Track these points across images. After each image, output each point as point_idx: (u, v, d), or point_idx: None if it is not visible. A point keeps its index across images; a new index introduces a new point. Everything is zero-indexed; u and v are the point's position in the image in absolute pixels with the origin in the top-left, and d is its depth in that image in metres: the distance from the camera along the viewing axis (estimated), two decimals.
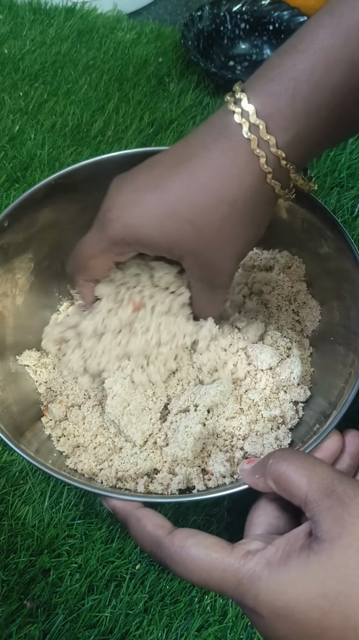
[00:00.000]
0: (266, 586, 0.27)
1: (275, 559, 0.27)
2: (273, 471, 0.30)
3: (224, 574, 0.28)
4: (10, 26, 0.75)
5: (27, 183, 0.59)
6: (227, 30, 0.72)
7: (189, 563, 0.29)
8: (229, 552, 0.29)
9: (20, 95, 0.67)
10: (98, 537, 0.41)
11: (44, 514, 0.41)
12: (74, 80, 0.69)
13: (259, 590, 0.27)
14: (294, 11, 0.69)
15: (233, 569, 0.28)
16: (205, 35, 0.70)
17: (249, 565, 0.28)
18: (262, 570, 0.27)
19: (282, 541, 0.28)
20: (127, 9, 0.80)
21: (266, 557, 0.28)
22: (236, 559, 0.28)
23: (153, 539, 0.31)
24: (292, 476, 0.29)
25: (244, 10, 0.71)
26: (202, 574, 0.29)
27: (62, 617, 0.38)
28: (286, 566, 0.27)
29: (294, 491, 0.29)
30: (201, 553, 0.29)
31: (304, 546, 0.27)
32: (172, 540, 0.30)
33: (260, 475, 0.31)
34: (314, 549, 0.26)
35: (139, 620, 0.38)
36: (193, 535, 0.30)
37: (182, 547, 0.30)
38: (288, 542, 0.28)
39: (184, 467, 0.38)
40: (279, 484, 0.30)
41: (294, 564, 0.27)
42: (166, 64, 0.71)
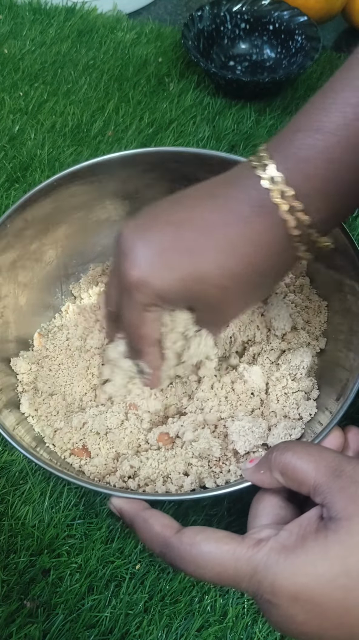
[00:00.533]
0: (283, 570, 0.26)
1: (290, 542, 0.27)
2: (278, 463, 0.30)
3: (237, 564, 0.28)
4: (10, 26, 0.75)
5: (27, 183, 0.59)
6: (227, 30, 0.72)
7: (200, 559, 0.29)
8: (240, 542, 0.28)
9: (20, 95, 0.67)
10: (98, 537, 0.41)
11: (44, 514, 0.41)
12: (74, 80, 0.69)
13: (276, 575, 0.26)
14: (294, 11, 0.69)
15: (246, 558, 0.27)
16: (205, 35, 0.70)
17: (263, 551, 0.27)
18: (278, 555, 0.27)
19: (294, 526, 0.28)
20: (127, 9, 0.80)
21: (280, 542, 0.27)
22: (248, 548, 0.28)
23: (161, 540, 0.31)
24: (298, 464, 0.29)
25: (244, 10, 0.71)
26: (214, 568, 0.28)
27: (62, 617, 0.38)
28: (304, 548, 0.26)
29: (302, 478, 0.29)
30: (211, 547, 0.28)
31: (319, 527, 0.27)
32: (181, 539, 0.30)
33: (265, 470, 0.31)
34: (332, 528, 0.26)
35: (139, 620, 0.38)
36: (202, 531, 0.30)
37: (191, 545, 0.29)
38: (301, 526, 0.27)
39: (195, 467, 0.39)
40: (286, 474, 0.29)
41: (312, 545, 0.26)
42: (166, 64, 0.71)
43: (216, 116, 0.65)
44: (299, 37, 0.68)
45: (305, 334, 0.44)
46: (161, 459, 0.39)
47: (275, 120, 0.65)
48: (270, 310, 0.44)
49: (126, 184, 0.47)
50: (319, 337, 0.45)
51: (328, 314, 0.45)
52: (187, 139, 0.63)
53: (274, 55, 0.71)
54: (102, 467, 0.40)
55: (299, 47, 0.68)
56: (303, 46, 0.67)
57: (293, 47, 0.69)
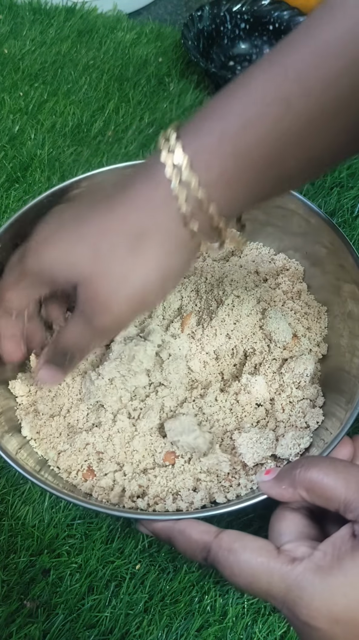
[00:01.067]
0: (321, 592, 0.26)
1: (325, 563, 0.27)
2: (303, 479, 0.30)
3: (271, 579, 0.27)
4: (10, 26, 0.75)
5: (27, 183, 0.59)
6: (227, 30, 0.72)
7: (236, 567, 0.29)
8: (276, 556, 0.28)
9: (20, 95, 0.67)
10: (98, 537, 0.41)
11: (44, 514, 0.41)
12: (74, 80, 0.69)
13: (314, 597, 0.26)
14: (294, 11, 0.69)
15: (281, 574, 0.27)
16: (205, 35, 0.70)
17: (297, 571, 0.27)
18: (313, 576, 0.26)
19: (328, 546, 0.28)
20: (127, 9, 0.80)
21: (315, 562, 0.27)
22: (283, 564, 0.28)
23: (201, 546, 0.31)
24: (326, 481, 0.29)
25: (244, 10, 0.71)
26: (248, 578, 0.28)
27: (62, 617, 0.38)
28: (341, 569, 0.26)
29: (331, 495, 0.28)
30: (247, 556, 0.29)
31: (355, 547, 0.27)
32: (220, 544, 0.30)
33: (288, 486, 0.31)
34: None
35: (139, 620, 0.38)
36: (240, 538, 0.30)
37: (229, 551, 0.29)
38: (335, 546, 0.27)
39: (204, 482, 0.38)
40: (314, 491, 0.29)
41: (349, 566, 0.26)
42: (166, 64, 0.71)
43: None
44: None
45: (306, 340, 0.44)
46: (169, 476, 0.39)
47: None
48: (269, 323, 0.43)
49: None
50: (321, 343, 0.44)
51: (328, 319, 0.45)
52: None
53: None
54: (109, 488, 0.39)
55: None
56: None
57: None
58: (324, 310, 0.45)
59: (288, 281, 0.47)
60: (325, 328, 0.45)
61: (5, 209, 0.57)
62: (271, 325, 0.43)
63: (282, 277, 0.47)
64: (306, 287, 0.47)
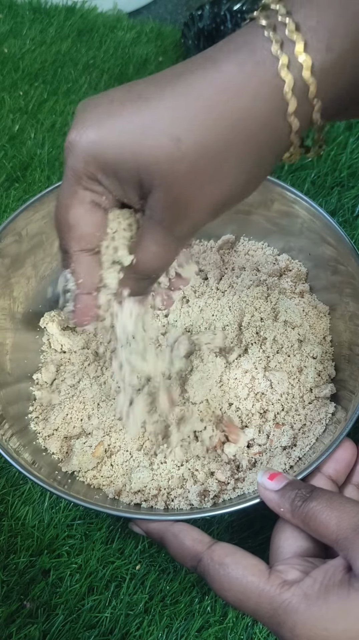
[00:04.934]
0: (303, 620, 0.26)
1: (313, 592, 0.27)
2: (301, 512, 0.30)
3: (259, 599, 0.28)
4: (10, 25, 0.75)
5: (27, 182, 0.59)
6: (227, 30, 0.72)
7: (226, 582, 0.29)
8: (267, 577, 0.28)
9: (20, 95, 0.67)
10: (98, 538, 0.41)
11: (44, 514, 0.41)
12: (74, 80, 0.69)
13: (296, 624, 0.26)
14: None
15: (269, 597, 0.28)
16: (205, 34, 0.70)
17: (285, 596, 0.27)
18: (299, 603, 0.27)
19: (319, 574, 0.28)
20: (127, 8, 0.80)
21: (303, 589, 0.27)
22: (273, 587, 0.28)
23: (193, 554, 0.31)
24: (320, 517, 0.29)
25: (244, 9, 0.71)
26: (237, 595, 0.29)
27: (62, 618, 0.38)
28: (326, 601, 0.26)
29: (324, 532, 0.29)
30: (238, 574, 0.29)
31: (343, 581, 0.27)
32: (212, 556, 0.30)
33: (286, 511, 0.31)
34: (355, 587, 0.26)
35: (139, 621, 0.38)
36: (232, 553, 0.30)
37: (221, 565, 0.29)
38: (326, 575, 0.27)
39: (198, 474, 0.39)
40: (308, 524, 0.29)
41: (334, 599, 0.26)
42: (166, 63, 0.71)
43: None
44: None
45: (312, 335, 0.44)
46: (171, 473, 0.39)
47: None
48: (279, 304, 0.44)
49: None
50: (323, 342, 0.45)
51: (330, 321, 0.45)
52: None
53: None
54: (113, 482, 0.40)
55: None
56: None
57: None
58: (327, 310, 0.45)
59: (291, 282, 0.47)
60: (328, 329, 0.45)
61: (5, 208, 0.56)
62: (282, 305, 0.44)
63: (285, 277, 0.47)
64: (309, 287, 0.47)
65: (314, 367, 0.42)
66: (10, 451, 0.36)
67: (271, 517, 0.32)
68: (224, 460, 0.40)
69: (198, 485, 0.38)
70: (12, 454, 0.36)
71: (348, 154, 0.59)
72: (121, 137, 0.25)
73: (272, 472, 0.32)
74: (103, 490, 0.40)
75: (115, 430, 0.41)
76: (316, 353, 0.42)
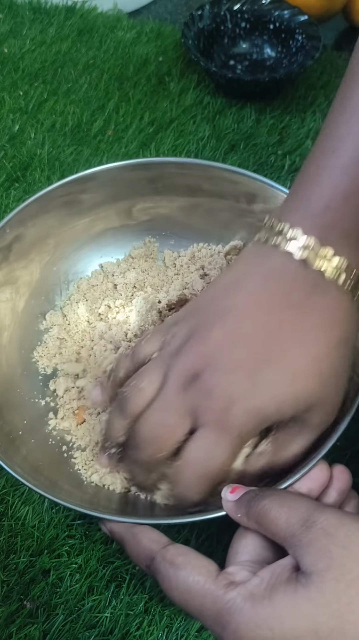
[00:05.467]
0: (247, 621, 0.25)
1: (258, 591, 0.26)
2: (254, 512, 0.29)
3: (203, 600, 0.27)
4: (10, 25, 0.75)
5: (27, 183, 0.59)
6: (227, 30, 0.72)
7: (174, 581, 0.29)
8: (213, 578, 0.28)
9: (20, 95, 0.67)
10: (98, 538, 0.41)
11: (44, 514, 0.41)
12: (74, 80, 0.69)
13: (239, 625, 0.25)
14: (295, 10, 0.69)
15: (212, 597, 0.27)
16: (205, 34, 0.70)
17: (229, 596, 0.26)
18: (243, 602, 0.26)
19: (266, 573, 0.27)
20: (127, 8, 0.80)
21: (249, 589, 0.26)
22: (218, 587, 0.27)
23: (147, 553, 0.31)
24: (271, 514, 0.28)
25: (244, 9, 0.71)
26: (182, 595, 0.28)
27: (62, 618, 0.38)
28: (271, 600, 0.25)
29: (274, 529, 0.28)
30: (185, 573, 0.28)
31: (291, 579, 0.26)
32: (164, 555, 0.30)
33: (243, 515, 0.30)
34: (302, 582, 0.25)
35: (140, 621, 0.38)
36: (185, 553, 0.29)
37: (171, 564, 0.29)
38: (273, 574, 0.27)
39: None
40: (261, 524, 0.29)
41: (280, 598, 0.25)
42: (166, 63, 0.71)
43: (216, 115, 0.65)
44: (300, 36, 0.68)
45: None
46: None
47: (275, 120, 0.65)
48: None
49: (122, 192, 0.47)
50: None
51: None
52: (188, 138, 0.63)
53: (274, 54, 0.71)
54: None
55: (299, 46, 0.68)
56: (304, 45, 0.67)
57: (294, 46, 0.69)
58: None
59: None
60: None
61: (5, 208, 0.57)
62: None
63: None
64: None
65: None
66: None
67: None
68: None
69: None
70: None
71: None
72: (276, 397, 0.31)
73: (234, 486, 0.32)
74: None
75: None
76: None
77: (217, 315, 0.32)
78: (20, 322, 0.46)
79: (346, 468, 0.34)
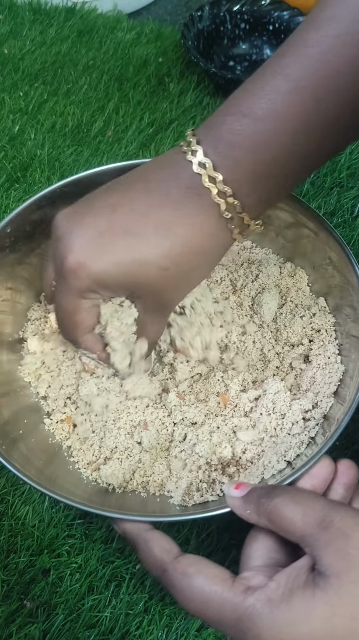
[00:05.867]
0: (268, 626, 0.26)
1: (276, 596, 0.26)
2: (266, 509, 0.29)
3: (222, 608, 0.27)
4: (10, 26, 0.75)
5: (27, 183, 0.59)
6: (227, 31, 0.72)
7: (189, 592, 0.29)
8: (230, 586, 0.28)
9: (20, 95, 0.67)
10: (98, 537, 0.41)
11: (44, 514, 0.41)
12: (74, 80, 0.69)
13: (261, 630, 0.26)
14: (294, 11, 0.69)
15: (232, 604, 0.27)
16: (205, 35, 0.70)
17: (248, 602, 0.27)
18: (263, 607, 0.26)
19: (283, 577, 0.27)
20: (127, 9, 0.80)
21: (267, 594, 0.27)
22: (236, 594, 0.27)
23: (159, 564, 0.31)
24: (285, 512, 0.28)
25: (244, 10, 0.71)
26: (199, 605, 0.28)
27: (62, 617, 0.38)
28: (289, 604, 0.26)
29: (289, 527, 0.28)
30: (200, 583, 0.28)
31: (307, 582, 0.26)
32: (176, 567, 0.30)
33: (252, 512, 0.31)
34: (320, 585, 0.25)
35: (139, 620, 0.38)
36: (196, 563, 0.29)
37: (183, 575, 0.29)
38: (289, 578, 0.27)
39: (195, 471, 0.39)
40: (274, 522, 0.29)
41: (297, 601, 0.26)
42: (166, 64, 0.71)
43: None
44: None
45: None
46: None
47: None
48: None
49: None
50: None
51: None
52: None
53: None
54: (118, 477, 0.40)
55: None
56: None
57: None
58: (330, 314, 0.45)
59: (293, 286, 0.47)
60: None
61: (5, 209, 0.57)
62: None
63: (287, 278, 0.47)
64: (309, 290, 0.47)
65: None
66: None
67: None
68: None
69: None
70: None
71: (347, 155, 0.59)
72: (118, 269, 0.33)
73: (238, 482, 0.33)
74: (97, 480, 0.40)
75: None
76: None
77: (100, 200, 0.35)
78: (19, 319, 0.46)
79: (353, 463, 0.34)
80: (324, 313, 0.45)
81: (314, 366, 0.42)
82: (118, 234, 0.32)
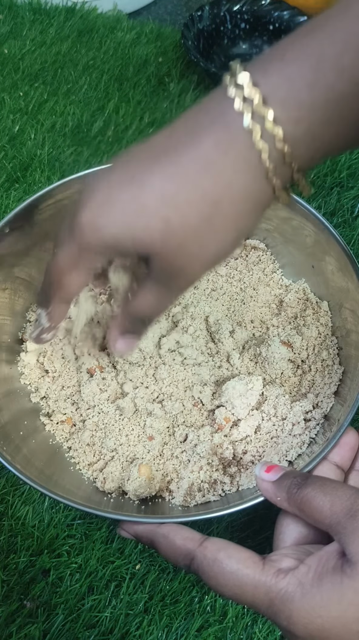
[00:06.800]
0: (299, 608, 0.27)
1: (307, 579, 0.27)
2: (296, 499, 0.30)
3: (255, 591, 0.28)
4: (10, 26, 0.75)
5: (27, 183, 0.59)
6: (227, 30, 0.72)
7: (221, 577, 0.29)
8: (261, 568, 0.29)
9: (20, 95, 0.67)
10: (98, 537, 0.41)
11: (44, 514, 0.41)
12: (74, 80, 0.69)
13: (292, 612, 0.27)
14: (294, 11, 0.69)
15: (265, 588, 0.28)
16: (205, 35, 0.70)
17: (281, 585, 0.28)
18: (294, 591, 0.27)
19: (314, 561, 0.28)
20: (127, 9, 0.80)
21: (298, 578, 0.27)
22: (268, 577, 0.28)
23: (184, 553, 0.31)
24: (314, 502, 0.29)
25: (244, 10, 0.71)
26: (234, 589, 0.29)
27: (62, 617, 0.38)
28: (320, 588, 0.27)
29: (318, 517, 0.29)
30: (233, 567, 0.29)
31: (336, 567, 0.27)
32: (204, 553, 0.30)
33: (282, 500, 0.31)
34: (347, 573, 0.26)
35: (139, 621, 0.38)
36: (225, 547, 0.30)
37: (214, 560, 0.30)
38: (320, 562, 0.28)
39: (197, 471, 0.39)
40: (304, 511, 0.30)
41: (327, 587, 0.27)
42: (166, 64, 0.71)
43: None
44: None
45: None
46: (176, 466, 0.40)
47: None
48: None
49: None
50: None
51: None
52: None
53: None
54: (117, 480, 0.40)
55: None
56: None
57: None
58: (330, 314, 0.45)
59: (294, 291, 0.47)
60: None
61: (5, 209, 0.57)
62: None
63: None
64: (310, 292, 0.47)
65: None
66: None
67: (271, 516, 0.33)
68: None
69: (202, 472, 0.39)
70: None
71: (347, 155, 0.59)
72: (118, 222, 0.28)
73: (269, 464, 0.34)
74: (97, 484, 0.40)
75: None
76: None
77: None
78: (18, 320, 0.46)
79: None
80: (325, 314, 0.45)
81: (313, 369, 0.42)
82: (123, 185, 0.28)
